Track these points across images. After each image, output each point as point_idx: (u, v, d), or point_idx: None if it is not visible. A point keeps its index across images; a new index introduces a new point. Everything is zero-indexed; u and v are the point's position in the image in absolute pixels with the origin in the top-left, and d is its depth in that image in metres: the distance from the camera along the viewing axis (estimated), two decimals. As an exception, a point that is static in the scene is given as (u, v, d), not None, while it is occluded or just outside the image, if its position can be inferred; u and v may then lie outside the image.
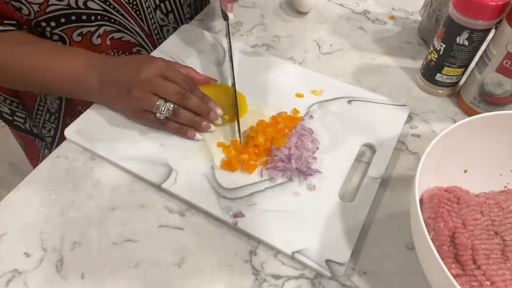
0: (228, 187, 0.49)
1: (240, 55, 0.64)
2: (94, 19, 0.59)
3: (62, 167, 0.51)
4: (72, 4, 0.56)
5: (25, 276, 0.43)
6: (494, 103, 0.57)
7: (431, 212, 0.42)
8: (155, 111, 0.52)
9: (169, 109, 0.52)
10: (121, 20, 0.62)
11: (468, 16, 0.52)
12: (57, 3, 0.55)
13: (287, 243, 0.45)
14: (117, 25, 0.62)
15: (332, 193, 0.49)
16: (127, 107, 0.54)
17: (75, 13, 0.57)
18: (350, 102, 0.59)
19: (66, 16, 0.57)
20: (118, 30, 0.63)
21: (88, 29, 0.59)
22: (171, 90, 0.52)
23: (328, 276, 0.43)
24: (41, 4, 0.54)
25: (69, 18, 0.57)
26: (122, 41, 0.65)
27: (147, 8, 0.65)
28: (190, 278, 0.43)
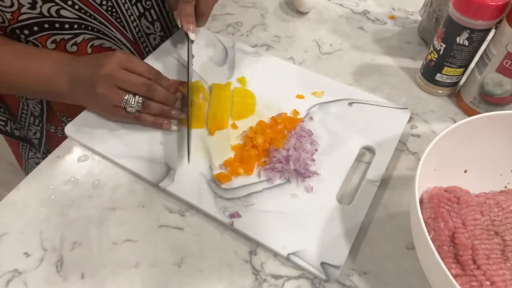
0: (226, 187, 0.49)
1: (240, 55, 0.64)
2: (68, 27, 0.58)
3: (62, 167, 0.51)
4: (45, 12, 0.55)
5: (25, 276, 0.43)
6: (494, 103, 0.57)
7: (431, 212, 0.42)
8: (124, 106, 0.51)
9: (138, 102, 0.51)
10: (99, 27, 0.60)
11: (468, 16, 0.52)
12: (29, 11, 0.54)
13: (283, 245, 0.45)
14: (95, 32, 0.61)
15: (329, 196, 0.49)
16: (97, 105, 0.53)
17: (48, 21, 0.56)
18: (351, 104, 0.58)
19: (39, 24, 0.55)
20: (98, 37, 0.62)
21: (61, 36, 0.58)
22: (137, 82, 0.51)
23: (323, 279, 0.43)
24: (13, 12, 0.53)
25: (41, 26, 0.56)
26: (102, 48, 0.63)
27: (130, 16, 0.63)
28: (190, 278, 0.43)
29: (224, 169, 0.51)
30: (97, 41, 0.62)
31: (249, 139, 0.53)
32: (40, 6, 0.54)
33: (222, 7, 0.74)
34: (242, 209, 0.47)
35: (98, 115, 0.55)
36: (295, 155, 0.51)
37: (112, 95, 0.51)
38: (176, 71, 0.61)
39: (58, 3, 0.54)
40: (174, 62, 0.63)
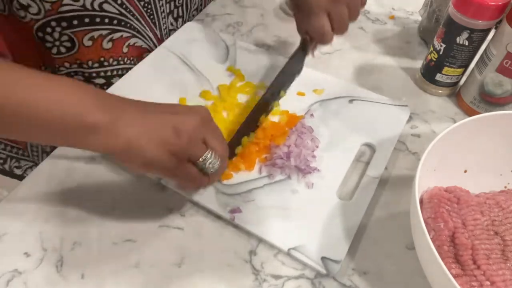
0: (227, 183, 0.49)
1: (242, 52, 0.64)
2: (108, 22, 0.56)
3: (62, 167, 0.51)
4: (88, 5, 0.53)
5: (25, 276, 0.43)
6: (494, 103, 0.57)
7: (431, 212, 0.42)
8: (201, 163, 0.41)
9: (216, 163, 0.42)
10: (136, 25, 0.60)
11: (468, 16, 0.52)
12: (71, 3, 0.52)
13: (284, 240, 0.45)
14: (132, 30, 0.60)
15: (330, 192, 0.49)
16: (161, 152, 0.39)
17: (89, 15, 0.54)
18: (351, 101, 0.59)
19: (80, 18, 0.54)
20: (133, 35, 0.61)
21: (100, 32, 0.57)
22: (220, 142, 0.43)
23: (324, 273, 0.43)
24: (53, 2, 0.51)
25: (82, 20, 0.54)
26: (135, 47, 0.63)
27: (161, 13, 0.63)
28: (190, 278, 0.43)
29: None
30: (133, 39, 0.61)
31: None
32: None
33: (222, 7, 0.74)
34: (243, 204, 0.47)
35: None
36: (296, 151, 0.51)
37: (196, 147, 0.40)
38: (177, 70, 0.61)
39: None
40: (177, 61, 0.63)
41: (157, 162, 0.39)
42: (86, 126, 0.36)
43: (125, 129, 0.37)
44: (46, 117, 0.36)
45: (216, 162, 0.42)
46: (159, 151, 0.38)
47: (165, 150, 0.39)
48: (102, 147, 0.38)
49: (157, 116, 0.40)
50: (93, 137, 0.37)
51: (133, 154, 0.38)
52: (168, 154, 0.39)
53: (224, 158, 0.43)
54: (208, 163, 0.41)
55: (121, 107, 0.39)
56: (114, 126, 0.37)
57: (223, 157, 0.43)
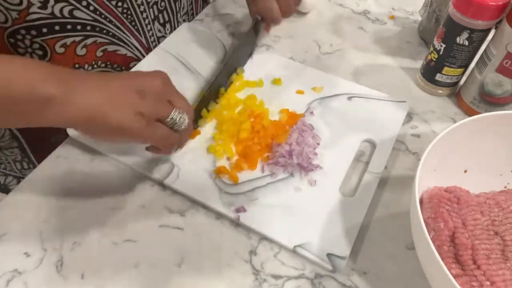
0: (230, 183, 0.49)
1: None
2: (80, 29, 0.54)
3: (62, 167, 0.51)
4: (56, 13, 0.50)
5: (25, 276, 0.43)
6: (494, 103, 0.57)
7: (431, 212, 0.42)
8: (171, 120, 0.42)
9: (185, 120, 0.43)
10: (115, 31, 0.57)
11: (468, 16, 0.52)
12: (39, 11, 0.49)
13: (289, 238, 0.45)
14: (110, 37, 0.58)
15: (333, 188, 0.49)
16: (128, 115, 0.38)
17: (59, 23, 0.52)
18: (350, 98, 0.59)
19: (49, 25, 0.51)
20: (112, 42, 0.58)
21: (73, 39, 0.54)
22: (185, 102, 0.44)
23: (330, 270, 0.44)
24: (21, 11, 0.48)
25: (52, 28, 0.52)
26: (117, 55, 0.60)
27: (145, 20, 0.61)
28: (190, 278, 0.43)
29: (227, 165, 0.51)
30: (111, 46, 0.59)
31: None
32: (52, 6, 0.50)
33: (222, 7, 0.74)
34: (247, 203, 0.47)
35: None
36: (298, 149, 0.51)
37: (161, 107, 0.41)
38: (175, 71, 0.61)
39: (72, 3, 0.51)
40: (175, 61, 0.63)
41: (124, 126, 0.38)
42: (39, 99, 0.35)
43: (84, 98, 0.36)
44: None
45: (185, 118, 0.42)
46: (124, 115, 0.38)
47: (130, 112, 0.38)
48: (62, 120, 0.37)
49: (118, 82, 0.39)
50: (50, 110, 0.36)
51: (97, 122, 0.37)
52: (134, 116, 0.38)
53: (191, 116, 0.44)
54: (178, 119, 0.42)
55: (77, 78, 0.38)
56: (71, 96, 0.36)
57: (190, 115, 0.44)
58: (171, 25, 0.68)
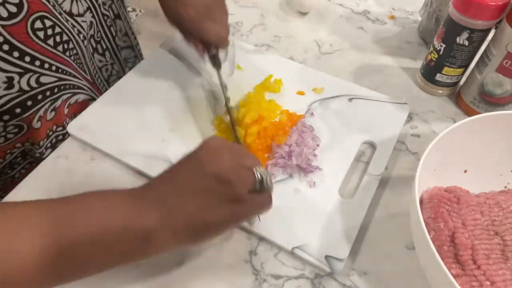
0: None
1: (240, 53, 0.64)
2: (49, 94, 0.52)
3: (62, 167, 0.51)
4: (24, 87, 0.48)
5: (25, 276, 0.43)
6: (494, 103, 0.57)
7: (431, 212, 0.42)
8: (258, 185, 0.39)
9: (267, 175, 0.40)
10: (74, 82, 0.56)
11: (468, 16, 0.52)
12: (6, 92, 0.47)
13: (287, 239, 0.45)
14: (71, 89, 0.56)
15: (332, 190, 0.49)
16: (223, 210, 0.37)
17: (31, 96, 0.50)
18: (351, 100, 0.59)
19: (21, 104, 0.50)
20: (73, 93, 0.57)
21: (44, 108, 0.53)
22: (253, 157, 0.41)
23: (328, 272, 0.43)
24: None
25: (24, 105, 0.50)
26: (77, 104, 0.58)
27: (88, 54, 0.59)
28: (190, 278, 0.43)
29: None
30: (73, 98, 0.57)
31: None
32: (18, 81, 0.48)
33: (222, 7, 0.74)
34: None
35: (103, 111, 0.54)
36: (297, 150, 0.51)
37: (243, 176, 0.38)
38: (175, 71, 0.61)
39: (36, 70, 0.49)
40: (175, 61, 0.63)
41: (225, 221, 0.38)
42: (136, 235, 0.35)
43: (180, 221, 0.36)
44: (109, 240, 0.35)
45: (264, 170, 0.40)
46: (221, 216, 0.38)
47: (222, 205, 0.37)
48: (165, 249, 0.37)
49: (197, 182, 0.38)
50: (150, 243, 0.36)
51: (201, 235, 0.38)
52: (227, 205, 0.37)
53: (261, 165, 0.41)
54: (262, 176, 0.39)
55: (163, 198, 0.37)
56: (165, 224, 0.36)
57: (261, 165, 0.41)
58: (109, 52, 0.65)
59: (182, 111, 0.57)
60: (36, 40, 0.48)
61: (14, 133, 0.53)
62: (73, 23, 0.54)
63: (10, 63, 0.46)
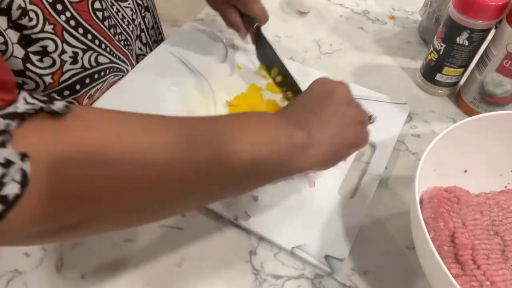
0: None
1: (241, 52, 0.64)
2: (103, 75, 0.55)
3: (62, 167, 0.51)
4: (86, 64, 0.52)
5: (25, 276, 0.43)
6: (494, 103, 0.57)
7: (431, 212, 0.42)
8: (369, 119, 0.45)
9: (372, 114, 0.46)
10: (121, 66, 0.59)
11: (468, 16, 0.52)
12: (71, 67, 0.50)
13: (287, 239, 0.45)
14: (118, 72, 0.59)
15: (332, 190, 0.49)
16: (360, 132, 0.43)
17: (89, 74, 0.53)
18: None
19: (81, 80, 0.52)
20: (116, 75, 0.59)
21: (96, 88, 0.56)
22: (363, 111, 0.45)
23: (327, 272, 0.43)
24: (54, 73, 0.48)
25: (83, 82, 0.53)
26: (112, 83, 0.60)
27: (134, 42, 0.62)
28: (190, 278, 0.43)
29: None
30: (114, 79, 0.60)
31: None
32: (81, 57, 0.50)
33: (222, 7, 0.74)
34: (246, 204, 0.47)
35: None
36: None
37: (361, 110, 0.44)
38: (176, 71, 0.61)
39: (96, 49, 0.52)
40: (176, 61, 0.63)
41: (361, 142, 0.43)
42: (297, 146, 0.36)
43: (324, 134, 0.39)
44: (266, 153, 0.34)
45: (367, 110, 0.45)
46: (357, 132, 0.42)
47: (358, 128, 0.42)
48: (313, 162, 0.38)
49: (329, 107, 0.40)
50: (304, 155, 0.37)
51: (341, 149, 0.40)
52: (362, 129, 0.42)
53: None
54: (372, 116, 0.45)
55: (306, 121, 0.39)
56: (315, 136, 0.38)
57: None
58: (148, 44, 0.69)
59: (182, 111, 0.57)
60: (96, 20, 0.51)
61: None
62: (118, 8, 0.57)
63: (76, 39, 0.49)
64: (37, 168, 0.23)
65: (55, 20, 0.47)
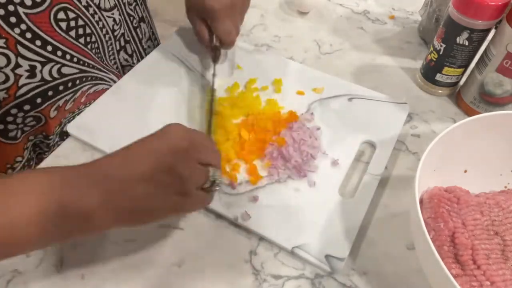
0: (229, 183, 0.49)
1: (240, 52, 0.64)
2: (71, 85, 0.53)
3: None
4: (46, 76, 0.49)
5: (25, 276, 0.43)
6: (494, 103, 0.57)
7: (431, 212, 0.42)
8: (211, 185, 0.40)
9: (220, 178, 0.41)
10: (95, 74, 0.57)
11: (468, 16, 0.52)
12: (28, 81, 0.47)
13: (287, 239, 0.45)
14: (93, 81, 0.57)
15: (332, 190, 0.49)
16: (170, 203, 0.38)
17: (52, 87, 0.51)
18: (351, 99, 0.59)
19: (42, 94, 0.50)
20: (94, 84, 0.58)
21: (64, 99, 0.53)
22: (212, 152, 0.41)
23: (328, 271, 0.43)
24: (9, 88, 0.46)
25: (45, 95, 0.50)
26: (96, 92, 0.59)
27: (109, 50, 0.60)
28: (190, 278, 0.43)
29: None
30: (92, 88, 0.58)
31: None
32: (40, 70, 0.48)
33: (222, 7, 0.74)
34: (246, 204, 0.47)
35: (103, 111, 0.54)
36: (297, 150, 0.51)
37: (199, 173, 0.38)
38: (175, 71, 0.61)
39: (58, 60, 0.50)
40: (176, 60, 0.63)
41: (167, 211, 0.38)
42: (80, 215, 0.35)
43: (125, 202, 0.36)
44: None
45: (220, 176, 0.40)
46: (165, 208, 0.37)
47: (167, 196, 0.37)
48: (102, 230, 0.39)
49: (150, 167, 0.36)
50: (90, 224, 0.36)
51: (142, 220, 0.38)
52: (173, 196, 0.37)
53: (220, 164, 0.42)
54: (215, 177, 0.40)
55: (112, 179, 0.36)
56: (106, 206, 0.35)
57: (220, 165, 0.42)
58: (136, 55, 0.68)
59: (182, 110, 0.57)
60: (59, 31, 0.50)
61: (31, 126, 0.54)
62: (100, 17, 0.55)
63: (33, 52, 0.47)
64: None
65: (7, 33, 0.45)
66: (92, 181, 0.36)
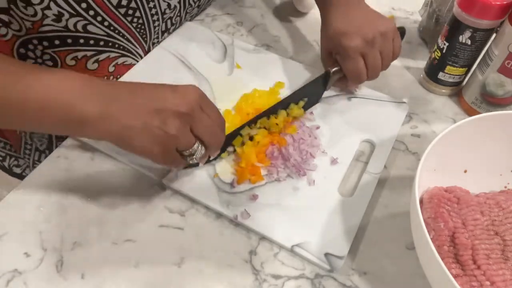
0: (229, 182, 0.49)
1: (239, 52, 0.64)
2: (93, 43, 0.54)
3: (62, 167, 0.51)
4: (70, 27, 0.50)
5: (25, 276, 0.43)
6: (496, 103, 0.57)
7: (431, 212, 0.42)
8: (188, 154, 0.41)
9: (201, 153, 0.42)
10: (125, 45, 0.58)
11: (472, 15, 0.52)
12: (52, 23, 0.49)
13: (287, 237, 0.45)
14: (121, 50, 0.58)
15: (331, 188, 0.49)
16: (150, 143, 0.39)
17: (72, 36, 0.52)
18: (350, 99, 0.59)
19: (61, 38, 0.51)
20: (122, 55, 0.59)
21: (84, 53, 0.54)
22: (212, 131, 0.42)
23: (328, 270, 0.43)
24: (34, 22, 0.48)
25: (64, 40, 0.51)
26: (124, 66, 0.61)
27: (155, 33, 0.62)
28: (190, 278, 0.43)
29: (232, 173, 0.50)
30: (121, 58, 0.59)
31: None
32: (66, 19, 0.49)
33: (222, 7, 0.74)
34: (247, 204, 0.48)
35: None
36: (297, 149, 0.51)
37: (184, 137, 0.40)
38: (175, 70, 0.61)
39: (87, 18, 0.51)
40: (175, 60, 0.63)
41: (146, 153, 0.41)
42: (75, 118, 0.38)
43: (115, 121, 0.39)
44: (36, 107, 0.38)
45: (202, 152, 0.42)
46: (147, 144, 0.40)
47: (153, 142, 0.39)
48: (93, 137, 0.42)
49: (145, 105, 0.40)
50: (83, 129, 0.39)
51: (124, 145, 0.40)
52: (157, 145, 0.40)
53: (213, 143, 0.43)
54: (196, 153, 0.42)
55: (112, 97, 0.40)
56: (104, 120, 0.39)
57: (211, 144, 0.43)
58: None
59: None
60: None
61: (47, 65, 0.54)
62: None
63: (66, 2, 0.48)
64: None
65: None
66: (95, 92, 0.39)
